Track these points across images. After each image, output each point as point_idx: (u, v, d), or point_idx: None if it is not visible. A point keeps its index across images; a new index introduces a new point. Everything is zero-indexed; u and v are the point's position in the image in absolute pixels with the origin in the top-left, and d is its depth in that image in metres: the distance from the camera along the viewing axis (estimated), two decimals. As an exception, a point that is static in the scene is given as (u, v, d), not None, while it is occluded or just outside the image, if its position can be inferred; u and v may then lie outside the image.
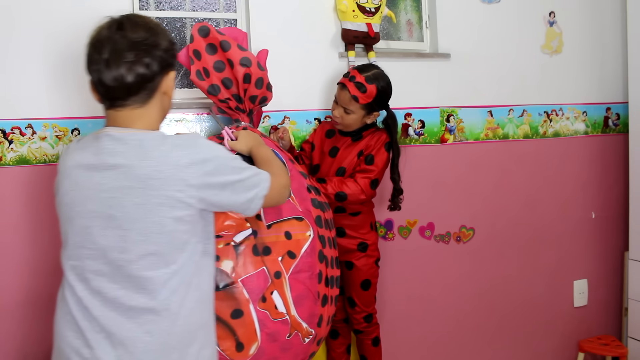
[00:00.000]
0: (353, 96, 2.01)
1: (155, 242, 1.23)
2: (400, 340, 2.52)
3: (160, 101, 1.32)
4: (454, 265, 2.62)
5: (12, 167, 1.94)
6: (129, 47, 1.24)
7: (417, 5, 2.61)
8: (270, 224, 1.66)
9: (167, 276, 1.24)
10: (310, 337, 1.69)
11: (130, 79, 1.24)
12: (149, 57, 1.25)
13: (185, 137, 1.29)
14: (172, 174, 1.23)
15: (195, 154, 1.26)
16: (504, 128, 2.71)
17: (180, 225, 1.24)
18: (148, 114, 1.30)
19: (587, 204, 2.91)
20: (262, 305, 1.60)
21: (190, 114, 2.16)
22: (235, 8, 2.30)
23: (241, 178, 1.32)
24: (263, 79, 1.82)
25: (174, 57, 1.34)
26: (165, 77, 1.31)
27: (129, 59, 1.24)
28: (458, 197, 2.62)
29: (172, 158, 1.23)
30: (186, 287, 1.27)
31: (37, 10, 1.95)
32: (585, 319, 2.93)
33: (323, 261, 1.73)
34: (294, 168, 1.83)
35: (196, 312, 1.30)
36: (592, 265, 2.93)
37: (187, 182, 1.23)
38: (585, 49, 2.86)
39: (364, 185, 2.01)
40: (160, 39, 1.29)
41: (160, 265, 1.24)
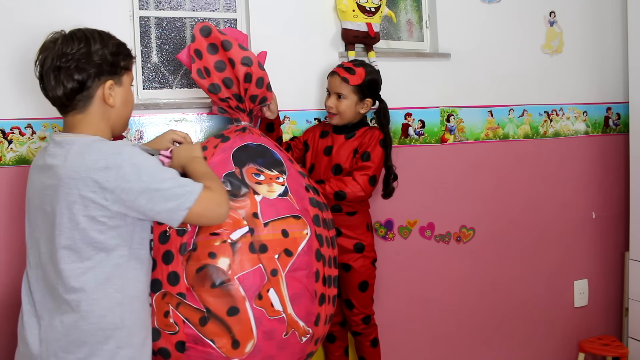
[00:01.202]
0: (343, 77, 2.07)
1: (69, 237, 1.33)
2: (400, 340, 2.51)
3: (101, 108, 1.42)
4: (454, 265, 2.62)
5: (12, 167, 1.94)
6: (58, 61, 1.36)
7: (417, 5, 2.60)
8: (267, 222, 1.66)
9: (80, 271, 1.34)
10: (308, 336, 1.69)
11: (59, 92, 1.38)
12: (76, 69, 1.36)
13: (112, 144, 1.38)
14: (87, 175, 1.31)
15: (114, 159, 1.33)
16: (504, 128, 2.70)
17: (95, 225, 1.33)
18: (87, 120, 1.41)
19: (587, 204, 2.91)
20: (258, 302, 1.59)
21: (190, 114, 2.16)
22: (235, 8, 2.30)
23: (160, 187, 1.35)
24: (264, 79, 1.83)
25: (114, 65, 1.41)
26: (102, 85, 1.40)
27: (57, 73, 1.36)
28: (458, 197, 2.61)
29: (89, 161, 1.33)
30: (102, 287, 1.35)
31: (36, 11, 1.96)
32: (586, 319, 2.93)
33: (320, 260, 1.73)
34: (293, 167, 1.83)
35: (115, 313, 1.36)
36: (592, 266, 2.93)
37: (101, 185, 1.31)
38: (585, 48, 2.86)
39: (363, 182, 2.02)
40: (94, 50, 1.38)
41: (74, 259, 1.34)
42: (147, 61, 2.20)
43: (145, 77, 2.20)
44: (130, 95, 1.51)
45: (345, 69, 2.09)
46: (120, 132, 1.55)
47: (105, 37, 1.42)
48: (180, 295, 1.58)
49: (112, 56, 1.41)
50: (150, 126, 2.11)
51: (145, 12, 2.18)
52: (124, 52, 1.45)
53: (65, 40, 1.38)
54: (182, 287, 1.58)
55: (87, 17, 1.99)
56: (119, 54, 1.43)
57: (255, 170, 1.73)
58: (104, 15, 2.03)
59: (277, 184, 1.74)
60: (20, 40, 1.93)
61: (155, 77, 2.22)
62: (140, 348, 1.43)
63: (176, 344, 1.59)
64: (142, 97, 2.17)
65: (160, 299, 1.59)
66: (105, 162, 1.32)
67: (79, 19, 1.97)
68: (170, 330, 1.59)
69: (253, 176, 1.72)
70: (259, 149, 1.79)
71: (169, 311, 1.58)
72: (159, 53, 2.22)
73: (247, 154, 1.77)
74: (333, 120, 2.14)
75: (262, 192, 1.70)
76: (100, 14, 2.03)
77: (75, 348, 1.34)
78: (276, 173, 1.76)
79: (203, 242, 1.60)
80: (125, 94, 1.47)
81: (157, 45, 2.22)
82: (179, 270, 1.59)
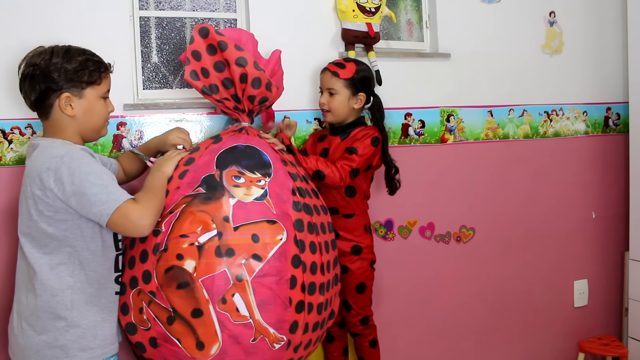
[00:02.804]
0: (333, 72, 2.08)
1: (27, 227, 1.55)
2: (400, 340, 2.52)
3: (62, 117, 1.57)
4: (454, 265, 2.62)
5: (12, 167, 1.94)
6: (26, 70, 1.56)
7: (417, 5, 2.60)
8: (238, 226, 1.65)
9: (38, 255, 1.53)
10: (282, 344, 1.67)
11: (27, 100, 1.59)
12: (36, 80, 1.54)
13: (60, 148, 1.52)
14: (36, 174, 1.50)
15: (55, 162, 1.47)
16: (504, 128, 2.70)
17: (44, 218, 1.50)
18: (52, 126, 1.60)
19: (587, 204, 2.90)
20: (222, 306, 1.60)
21: (190, 114, 2.16)
22: (235, 8, 2.30)
23: (87, 192, 1.47)
24: (260, 79, 1.81)
25: (73, 80, 1.55)
26: (58, 98, 1.55)
27: (24, 82, 1.57)
28: (458, 197, 2.61)
29: (39, 162, 1.50)
30: (55, 270, 1.52)
31: (36, 12, 1.95)
32: (586, 319, 2.93)
33: (299, 266, 1.70)
34: (283, 169, 1.82)
35: (65, 295, 1.52)
36: (592, 266, 2.93)
37: (44, 184, 1.48)
38: (585, 48, 2.86)
39: (344, 172, 1.99)
40: (54, 64, 1.53)
41: (34, 245, 1.54)
42: (147, 61, 2.20)
43: (146, 77, 2.20)
44: (97, 106, 1.62)
45: (335, 64, 2.10)
46: (93, 138, 1.70)
47: (72, 53, 1.57)
48: (151, 294, 1.63)
49: (73, 71, 1.55)
50: (150, 126, 2.11)
51: (146, 12, 2.18)
52: (89, 68, 1.58)
53: (37, 53, 1.57)
54: (153, 286, 1.63)
55: (87, 17, 2.01)
56: (82, 69, 1.56)
57: (236, 173, 1.73)
58: (104, 15, 2.03)
59: (256, 187, 1.73)
60: (20, 40, 1.92)
61: (156, 77, 2.22)
62: (91, 329, 1.56)
63: (149, 340, 1.66)
64: (142, 97, 2.17)
65: (136, 295, 1.65)
66: (49, 164, 1.48)
67: (79, 20, 1.99)
68: (144, 326, 1.65)
69: (232, 179, 1.72)
70: (246, 151, 1.79)
71: (143, 308, 1.64)
72: (159, 53, 2.22)
73: (232, 155, 1.77)
74: (327, 118, 2.13)
75: (238, 195, 1.69)
76: (101, 15, 2.03)
77: (34, 322, 1.53)
78: (258, 176, 1.75)
79: (173, 244, 1.63)
80: (87, 106, 1.59)
81: (157, 46, 2.22)
82: (151, 270, 1.63)
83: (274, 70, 1.98)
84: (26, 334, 1.54)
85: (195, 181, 1.72)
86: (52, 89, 1.55)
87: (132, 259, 1.69)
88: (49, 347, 1.52)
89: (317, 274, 1.75)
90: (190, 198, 1.69)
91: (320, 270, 1.77)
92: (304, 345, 1.77)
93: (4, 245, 1.94)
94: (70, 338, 1.53)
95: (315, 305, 1.75)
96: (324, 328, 1.85)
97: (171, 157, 1.80)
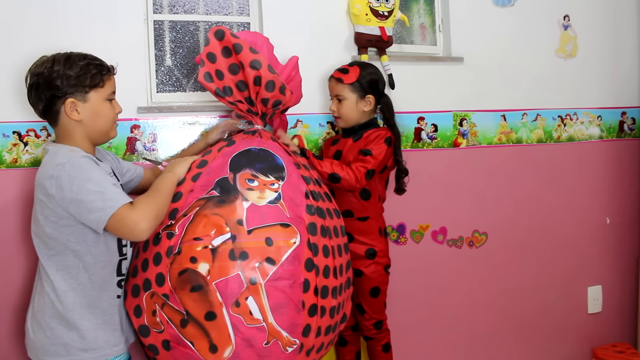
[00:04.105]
0: (337, 79, 2.09)
1: (37, 229, 1.59)
2: (412, 345, 2.50)
3: (69, 122, 1.60)
4: (466, 270, 2.60)
5: (27, 169, 1.96)
6: (30, 84, 1.60)
7: (430, 8, 2.60)
8: (252, 229, 1.65)
9: (46, 257, 1.58)
10: (294, 347, 1.67)
11: (36, 110, 1.62)
12: (41, 88, 1.57)
13: (63, 155, 1.54)
14: (41, 182, 1.54)
15: (57, 170, 1.50)
16: (518, 132, 2.69)
17: (49, 223, 1.54)
18: (61, 132, 1.63)
19: (601, 209, 2.88)
20: (235, 309, 1.59)
21: (203, 117, 2.17)
22: (248, 12, 2.31)
23: (84, 200, 1.48)
24: (274, 82, 1.81)
25: (76, 85, 1.57)
26: (64, 104, 1.57)
27: (32, 92, 1.60)
28: (471, 202, 2.60)
29: (44, 169, 1.55)
30: (60, 272, 1.57)
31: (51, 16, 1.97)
32: (600, 326, 2.90)
33: (312, 270, 1.69)
34: (296, 172, 1.81)
35: (67, 296, 1.57)
36: (606, 272, 2.90)
37: (47, 191, 1.51)
38: (600, 52, 2.84)
39: (360, 173, 1.99)
40: (55, 73, 1.56)
41: (42, 247, 1.59)
42: (161, 64, 2.21)
43: (159, 80, 2.21)
44: (102, 108, 1.63)
45: (339, 70, 2.12)
46: (102, 140, 1.70)
47: (73, 59, 1.59)
48: (164, 296, 1.63)
49: (75, 77, 1.57)
50: (163, 129, 2.12)
51: (160, 16, 2.20)
52: (91, 72, 1.59)
53: (40, 63, 1.59)
54: (166, 289, 1.63)
55: (102, 21, 2.03)
56: (84, 73, 1.58)
57: (250, 176, 1.73)
58: (118, 19, 2.05)
59: (270, 190, 1.72)
60: (35, 45, 1.95)
61: (169, 80, 2.23)
62: (92, 331, 1.59)
63: (162, 342, 1.66)
64: (156, 100, 2.18)
65: (149, 297, 1.65)
66: (52, 172, 1.51)
67: (94, 24, 2.01)
68: (157, 328, 1.65)
69: (246, 182, 1.72)
70: (260, 154, 1.79)
71: (156, 310, 1.64)
72: (173, 56, 2.23)
73: (246, 158, 1.77)
74: (339, 124, 2.15)
75: (252, 198, 1.69)
76: (115, 19, 2.05)
77: (41, 319, 1.59)
78: (272, 179, 1.74)
79: (187, 246, 1.63)
80: (92, 109, 1.61)
81: (171, 49, 2.23)
82: (164, 272, 1.63)
83: (290, 76, 1.98)
84: (34, 329, 1.60)
85: (208, 184, 1.72)
86: (56, 96, 1.57)
87: (145, 262, 1.68)
88: (52, 344, 1.57)
89: (329, 277, 1.75)
90: (204, 201, 1.69)
91: (332, 274, 1.76)
92: (317, 349, 1.76)
93: (19, 246, 1.95)
94: (72, 337, 1.57)
95: (328, 309, 1.74)
96: (336, 331, 1.85)
97: (184, 160, 1.81)
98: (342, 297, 1.82)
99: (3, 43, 1.93)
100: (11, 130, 1.94)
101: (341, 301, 1.82)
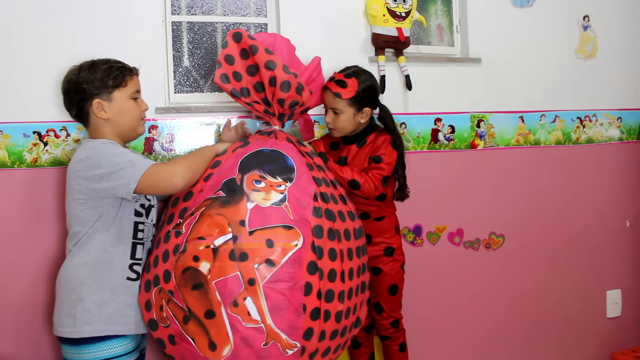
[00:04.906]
0: (335, 93, 2.02)
1: (69, 210, 1.75)
2: (428, 347, 2.49)
3: (98, 121, 1.75)
4: (483, 272, 2.59)
5: (47, 168, 1.98)
6: (63, 91, 1.78)
7: (447, 9, 2.59)
8: (253, 230, 1.66)
9: (74, 234, 1.73)
10: (295, 350, 1.66)
11: (71, 114, 1.79)
12: (71, 93, 1.74)
13: (94, 142, 1.71)
14: (72, 167, 1.71)
15: (84, 153, 1.68)
16: (536, 134, 2.66)
17: (78, 204, 1.70)
18: (92, 131, 1.78)
19: (621, 212, 2.84)
20: (233, 309, 1.61)
21: (221, 117, 2.18)
22: (265, 13, 2.32)
23: (115, 169, 1.63)
24: (290, 82, 1.80)
25: (101, 87, 1.72)
26: (90, 105, 1.72)
27: (65, 101, 1.78)
28: (488, 204, 2.58)
29: (75, 156, 1.71)
30: (78, 249, 1.71)
31: (69, 17, 2.00)
32: (619, 331, 2.86)
33: (315, 273, 1.68)
34: (307, 173, 1.80)
35: (80, 270, 1.69)
36: (626, 275, 2.86)
37: (78, 174, 1.67)
38: (620, 53, 2.80)
39: (377, 181, 2.00)
40: (81, 79, 1.72)
41: (73, 225, 1.74)
42: (179, 65, 2.23)
43: (177, 81, 2.22)
44: (127, 106, 1.77)
45: (336, 83, 2.02)
46: (131, 137, 1.84)
47: (97, 64, 1.74)
48: (170, 293, 1.67)
49: (99, 79, 1.72)
50: (181, 129, 2.14)
51: (178, 17, 2.21)
52: (112, 74, 1.73)
53: (70, 72, 1.76)
54: (171, 285, 1.67)
55: (121, 23, 2.05)
56: (107, 75, 1.73)
57: (258, 177, 1.74)
58: (137, 20, 2.07)
59: (276, 191, 1.73)
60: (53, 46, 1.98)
61: (187, 81, 2.24)
62: (98, 306, 1.68)
63: (168, 337, 1.71)
64: (174, 100, 2.19)
65: (157, 293, 1.70)
66: (82, 156, 1.68)
67: (113, 26, 2.03)
68: (164, 323, 1.70)
69: (253, 183, 1.73)
70: (271, 155, 1.79)
71: (163, 306, 1.68)
72: (191, 57, 2.25)
73: (256, 159, 1.78)
74: (334, 134, 2.12)
75: (257, 199, 1.70)
76: (134, 20, 2.07)
77: (58, 288, 1.74)
78: (279, 180, 1.75)
79: (191, 245, 1.67)
80: (118, 107, 1.75)
81: (189, 50, 2.24)
82: (170, 269, 1.68)
83: (312, 77, 1.97)
84: (56, 303, 1.75)
85: (217, 184, 1.74)
86: (84, 99, 1.73)
87: (157, 259, 1.73)
88: (65, 315, 1.69)
89: (336, 281, 1.73)
90: (210, 201, 1.72)
91: (340, 278, 1.74)
92: (321, 353, 1.75)
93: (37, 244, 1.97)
94: (79, 310, 1.67)
95: (334, 313, 1.73)
96: (345, 336, 1.83)
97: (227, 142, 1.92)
98: (352, 302, 1.79)
99: (20, 45, 1.96)
100: (31, 130, 1.97)
101: (351, 305, 1.79)
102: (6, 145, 1.95)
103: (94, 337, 1.66)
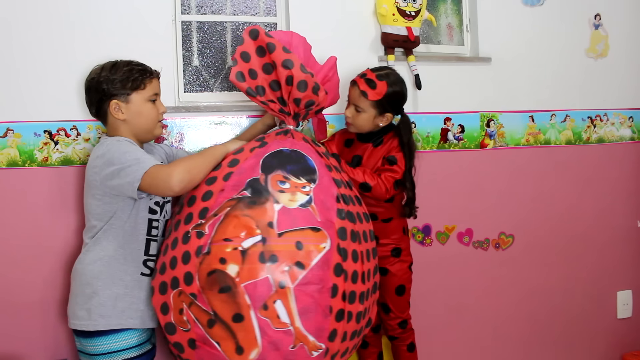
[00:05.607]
0: (362, 91, 2.00)
1: (87, 204, 1.78)
2: (437, 346, 2.48)
3: (116, 120, 1.79)
4: (492, 272, 2.57)
5: (58, 167, 1.99)
6: (85, 89, 1.82)
7: (457, 8, 2.57)
8: (282, 232, 1.64)
9: (90, 228, 1.78)
10: (320, 352, 1.66)
11: (91, 111, 1.84)
12: (92, 92, 1.79)
13: (110, 139, 1.75)
14: (90, 163, 1.74)
15: (101, 150, 1.71)
16: (546, 133, 2.64)
17: (94, 200, 1.74)
18: (110, 129, 1.82)
19: (632, 212, 2.82)
20: (263, 312, 1.59)
21: (230, 117, 2.18)
22: (275, 12, 2.32)
23: (123, 166, 1.66)
24: (307, 82, 1.79)
25: (120, 88, 1.75)
26: (108, 105, 1.76)
27: (87, 98, 1.82)
28: (497, 203, 2.57)
29: (94, 152, 1.75)
30: (94, 243, 1.75)
31: (81, 17, 2.01)
32: (630, 332, 2.84)
33: (341, 275, 1.67)
34: (328, 175, 1.79)
35: (95, 265, 1.73)
36: (637, 276, 2.84)
37: (94, 170, 1.71)
38: (632, 52, 2.78)
39: (389, 184, 1.99)
40: (102, 78, 1.75)
41: (90, 219, 1.78)
42: (189, 65, 2.23)
43: (187, 81, 2.23)
44: (144, 108, 1.79)
45: (366, 81, 2.01)
46: (147, 138, 1.86)
47: (118, 65, 1.77)
48: (192, 296, 1.63)
49: (119, 81, 1.75)
50: (190, 129, 2.14)
51: (187, 17, 2.22)
52: (132, 77, 1.76)
53: (94, 70, 1.80)
54: (194, 288, 1.62)
55: (131, 22, 2.05)
56: (127, 78, 1.76)
57: (282, 178, 1.71)
58: (147, 20, 2.08)
59: (301, 192, 1.71)
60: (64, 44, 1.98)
61: (196, 80, 2.25)
62: (112, 301, 1.71)
63: (188, 341, 1.66)
64: (183, 100, 2.20)
65: (177, 296, 1.65)
66: (97, 154, 1.72)
67: (124, 25, 2.04)
68: (183, 327, 1.65)
69: (278, 184, 1.70)
70: (292, 156, 1.77)
71: (183, 309, 1.64)
72: (200, 57, 2.25)
73: (278, 160, 1.75)
74: (350, 129, 2.11)
75: (283, 201, 1.68)
76: (144, 19, 2.07)
77: (73, 282, 1.78)
78: (303, 181, 1.73)
79: (217, 247, 1.62)
80: (135, 109, 1.78)
81: (199, 49, 2.25)
82: (193, 272, 1.63)
83: (327, 76, 1.95)
84: (71, 297, 1.78)
85: (240, 184, 1.70)
86: (103, 99, 1.77)
87: (174, 260, 1.68)
88: (80, 309, 1.72)
89: (357, 282, 1.73)
90: (235, 202, 1.68)
91: (361, 279, 1.74)
92: (341, 353, 1.75)
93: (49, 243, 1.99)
94: (94, 304, 1.70)
95: (355, 314, 1.73)
96: (360, 336, 1.83)
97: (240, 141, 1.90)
98: (368, 302, 1.80)
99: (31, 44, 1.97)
100: (42, 129, 1.98)
101: (367, 306, 1.80)
102: (17, 144, 1.96)
103: (108, 329, 1.69)
